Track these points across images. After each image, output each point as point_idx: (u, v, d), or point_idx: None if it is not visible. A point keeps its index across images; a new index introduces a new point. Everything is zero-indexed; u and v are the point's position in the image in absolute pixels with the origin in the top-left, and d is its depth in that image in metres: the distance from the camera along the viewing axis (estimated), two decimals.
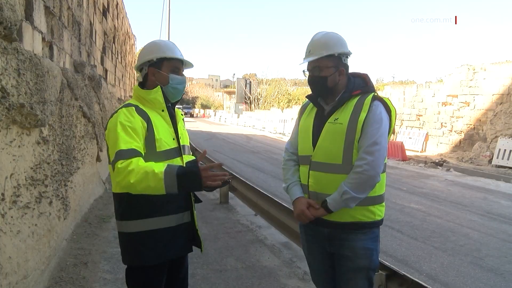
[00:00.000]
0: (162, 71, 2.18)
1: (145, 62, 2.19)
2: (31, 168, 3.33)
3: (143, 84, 2.23)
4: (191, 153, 2.49)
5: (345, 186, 2.05)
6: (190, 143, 2.55)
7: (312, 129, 2.25)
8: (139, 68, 2.24)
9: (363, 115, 2.09)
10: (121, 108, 2.10)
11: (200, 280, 3.87)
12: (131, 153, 1.92)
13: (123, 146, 1.93)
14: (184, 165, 2.12)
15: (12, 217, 2.85)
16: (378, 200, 2.19)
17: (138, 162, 1.90)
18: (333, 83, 2.19)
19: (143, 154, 2.00)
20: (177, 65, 2.22)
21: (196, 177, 1.89)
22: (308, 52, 2.22)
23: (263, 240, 5.20)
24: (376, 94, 2.20)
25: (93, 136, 6.69)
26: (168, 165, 1.94)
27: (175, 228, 2.14)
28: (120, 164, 1.89)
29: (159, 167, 1.90)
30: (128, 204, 2.09)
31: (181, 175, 1.89)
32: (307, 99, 2.40)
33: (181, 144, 2.21)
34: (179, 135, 2.23)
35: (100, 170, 7.40)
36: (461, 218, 6.76)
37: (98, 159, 7.15)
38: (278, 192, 7.81)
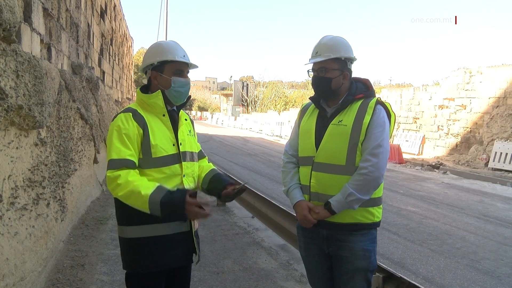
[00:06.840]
0: (164, 75, 2.13)
1: (148, 65, 2.17)
2: (29, 169, 3.33)
3: (147, 87, 2.21)
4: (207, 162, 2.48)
5: (350, 188, 2.08)
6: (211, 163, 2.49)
7: (314, 131, 2.27)
8: (144, 71, 2.23)
9: (367, 118, 2.13)
10: (120, 113, 2.09)
11: (197, 282, 3.87)
12: (121, 163, 1.95)
13: (114, 155, 1.96)
14: (182, 178, 2.12)
15: (9, 218, 2.85)
16: (377, 202, 2.22)
17: (127, 176, 1.91)
18: (337, 85, 2.23)
19: (137, 160, 2.00)
20: (180, 67, 2.16)
21: (180, 209, 1.89)
22: (315, 53, 2.25)
23: (260, 243, 5.20)
24: (379, 98, 2.26)
25: (91, 138, 6.68)
26: (157, 187, 1.92)
27: (172, 236, 2.09)
28: (110, 173, 1.94)
29: (147, 189, 1.89)
30: (126, 210, 2.05)
31: (166, 203, 1.88)
32: (308, 101, 2.44)
33: (182, 150, 2.15)
34: (180, 141, 2.16)
35: (97, 171, 7.39)
36: (458, 221, 6.79)
37: (95, 160, 7.14)
38: (275, 195, 7.83)
